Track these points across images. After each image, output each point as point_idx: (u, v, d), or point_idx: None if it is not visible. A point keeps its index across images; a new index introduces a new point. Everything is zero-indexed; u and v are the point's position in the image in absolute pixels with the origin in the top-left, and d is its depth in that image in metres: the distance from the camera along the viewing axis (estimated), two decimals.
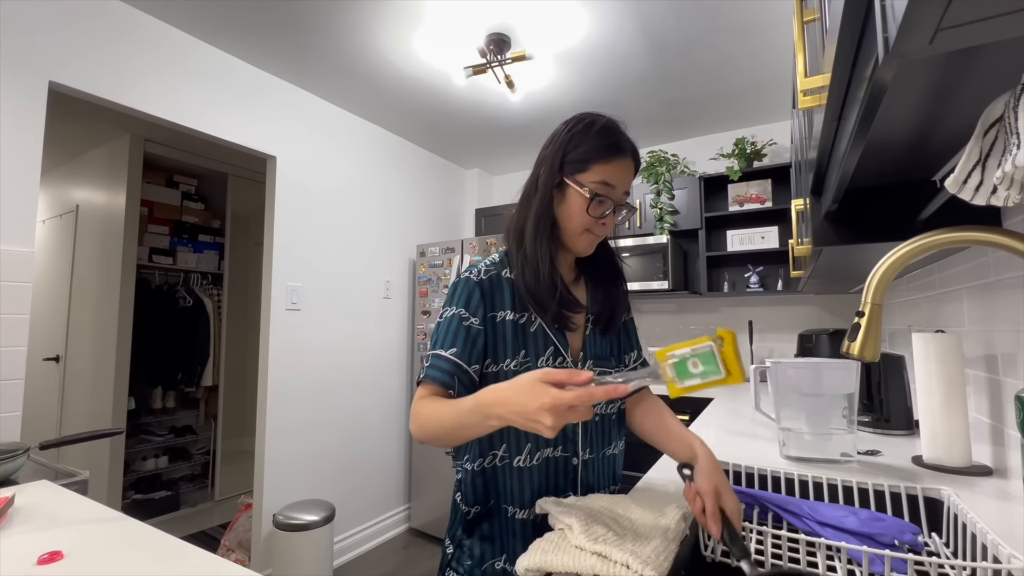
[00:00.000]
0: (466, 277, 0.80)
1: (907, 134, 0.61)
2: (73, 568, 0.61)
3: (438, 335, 0.77)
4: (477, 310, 0.78)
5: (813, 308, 2.77)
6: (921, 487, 0.86)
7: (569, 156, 0.79)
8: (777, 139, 2.87)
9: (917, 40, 0.31)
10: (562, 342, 0.81)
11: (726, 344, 0.54)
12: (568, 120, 0.83)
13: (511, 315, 0.80)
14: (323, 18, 1.93)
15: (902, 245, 0.59)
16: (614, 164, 0.78)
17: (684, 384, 0.56)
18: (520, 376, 0.58)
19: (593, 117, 0.81)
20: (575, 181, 0.78)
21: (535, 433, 0.58)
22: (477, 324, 0.77)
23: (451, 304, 0.79)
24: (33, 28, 1.62)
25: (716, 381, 0.55)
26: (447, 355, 0.74)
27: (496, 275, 0.82)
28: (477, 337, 0.76)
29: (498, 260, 0.84)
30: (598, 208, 0.78)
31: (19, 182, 1.58)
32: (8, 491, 0.82)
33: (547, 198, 0.80)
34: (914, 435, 1.28)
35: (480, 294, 0.79)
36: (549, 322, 0.81)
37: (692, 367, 0.55)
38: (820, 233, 0.95)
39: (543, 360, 0.80)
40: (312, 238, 2.56)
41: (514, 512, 0.78)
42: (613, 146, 0.78)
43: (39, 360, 3.13)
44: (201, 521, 3.14)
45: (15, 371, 1.54)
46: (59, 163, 3.33)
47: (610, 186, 0.78)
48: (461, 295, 0.79)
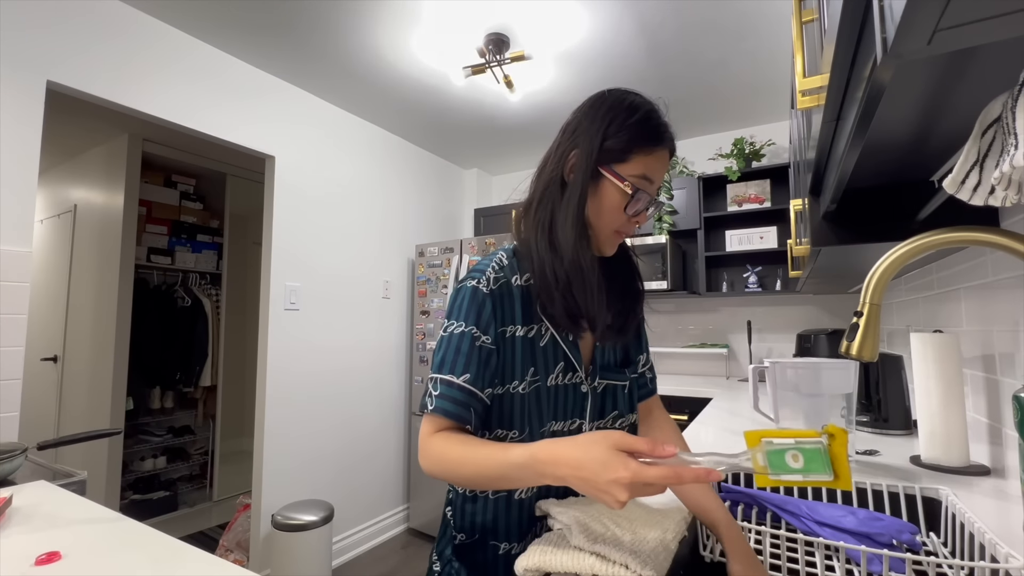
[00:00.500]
0: (474, 287, 0.68)
1: (905, 134, 0.61)
2: (71, 569, 0.61)
3: (446, 355, 0.66)
4: (489, 327, 0.67)
5: (812, 308, 2.77)
6: (919, 487, 0.87)
7: (608, 142, 0.67)
8: (776, 139, 2.88)
9: (915, 41, 0.32)
10: (576, 355, 0.73)
11: (836, 443, 0.47)
12: (601, 98, 0.70)
13: (521, 330, 0.70)
14: (321, 18, 1.93)
15: (900, 245, 0.59)
16: (656, 155, 0.68)
17: (779, 477, 0.48)
18: (587, 435, 0.52)
19: (635, 97, 0.70)
20: (614, 173, 0.67)
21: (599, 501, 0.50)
22: (489, 343, 0.67)
23: (459, 318, 0.67)
24: (31, 27, 1.61)
25: (820, 483, 0.48)
26: (460, 382, 0.64)
27: (506, 283, 0.70)
28: (490, 358, 0.67)
29: (506, 264, 0.72)
30: (636, 205, 0.68)
31: (17, 181, 1.57)
32: (6, 491, 0.81)
33: (583, 193, 0.68)
34: (912, 435, 1.28)
35: (491, 307, 0.67)
36: (565, 335, 0.72)
37: (791, 460, 0.48)
38: (819, 233, 0.95)
39: (553, 378, 0.71)
40: (311, 238, 2.56)
41: (508, 548, 0.71)
42: (656, 133, 0.68)
43: (37, 360, 3.12)
44: (199, 521, 3.13)
45: (13, 371, 1.54)
46: (57, 163, 3.33)
47: (649, 181, 0.68)
48: (470, 309, 0.67)
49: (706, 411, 1.78)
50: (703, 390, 2.39)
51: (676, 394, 2.44)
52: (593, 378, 0.75)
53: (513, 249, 0.75)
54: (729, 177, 2.74)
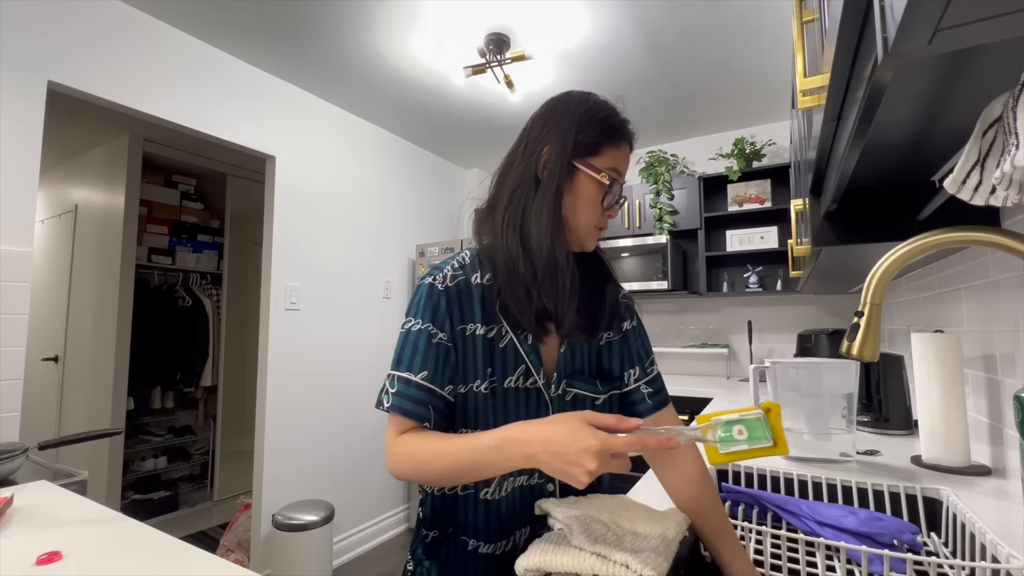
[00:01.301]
0: (430, 283, 0.68)
1: (906, 134, 0.61)
2: (72, 568, 0.61)
3: (403, 353, 0.66)
4: (444, 323, 0.67)
5: (812, 308, 2.77)
6: (920, 487, 0.87)
7: (581, 136, 0.68)
8: (776, 139, 2.87)
9: (916, 40, 0.32)
10: (534, 360, 0.70)
11: (772, 415, 0.54)
12: (567, 97, 0.72)
13: (481, 328, 0.68)
14: (322, 18, 1.93)
15: (901, 245, 0.59)
16: (622, 150, 0.71)
17: (728, 450, 0.54)
18: (558, 415, 0.54)
19: (597, 97, 0.72)
20: (589, 166, 0.68)
21: (567, 480, 0.51)
22: (446, 340, 0.66)
23: (415, 315, 0.67)
24: (32, 27, 1.61)
25: (763, 449, 0.54)
26: (417, 380, 0.64)
27: (464, 281, 0.69)
28: (448, 355, 0.66)
29: (467, 262, 0.71)
30: (610, 198, 0.70)
31: (18, 181, 1.57)
32: (7, 491, 0.82)
33: (559, 188, 0.68)
34: (913, 435, 1.28)
35: (447, 304, 0.67)
36: (524, 337, 0.70)
37: (737, 434, 0.54)
38: (819, 233, 0.95)
39: (512, 380, 0.69)
40: (311, 238, 2.56)
41: (476, 545, 0.70)
42: (621, 128, 0.71)
43: (38, 360, 3.12)
44: (200, 521, 3.13)
45: (14, 371, 1.54)
46: (58, 163, 3.33)
47: (620, 173, 0.70)
48: (426, 306, 0.67)
49: (707, 411, 1.78)
50: (704, 390, 2.39)
51: (677, 394, 2.44)
52: (557, 385, 0.72)
53: (477, 249, 0.74)
54: (730, 177, 2.74)
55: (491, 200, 0.74)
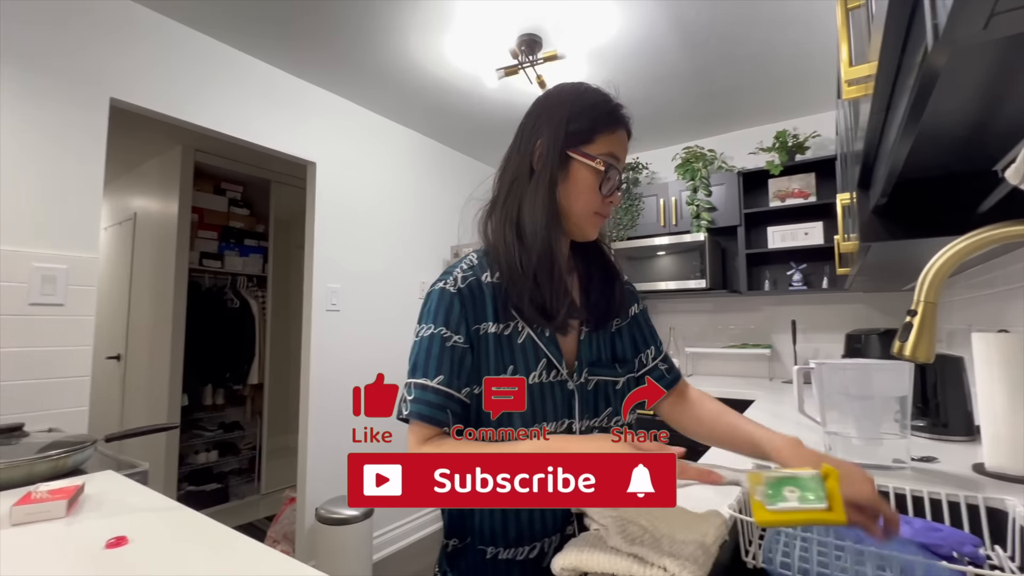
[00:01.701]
0: (440, 288, 0.69)
1: (963, 122, 0.58)
2: (137, 552, 0.65)
3: (417, 359, 0.66)
4: (459, 326, 0.66)
5: (861, 307, 2.64)
6: (983, 496, 0.81)
7: (572, 126, 0.69)
8: (821, 131, 2.75)
9: (970, 26, 0.30)
10: (555, 352, 0.71)
11: (830, 479, 0.49)
12: (558, 89, 0.74)
13: (494, 327, 0.68)
14: (357, 25, 1.99)
15: (958, 240, 0.56)
16: (618, 134, 0.71)
17: (775, 507, 0.48)
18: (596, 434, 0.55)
19: (587, 85, 0.73)
20: (583, 154, 0.68)
21: None
22: (462, 343, 0.66)
23: (427, 321, 0.67)
24: (96, 49, 1.73)
25: (815, 512, 0.48)
26: (434, 384, 0.64)
27: (475, 281, 0.70)
28: (464, 358, 0.66)
29: (476, 263, 0.72)
30: (609, 183, 0.70)
31: (85, 192, 1.69)
32: (79, 480, 0.88)
33: (552, 178, 0.69)
34: (975, 441, 1.20)
35: (460, 306, 0.67)
36: (541, 331, 0.70)
37: (788, 493, 0.49)
38: (868, 228, 0.91)
39: (536, 375, 0.69)
40: (350, 241, 2.64)
41: (495, 552, 0.69)
42: (615, 114, 0.71)
43: (103, 359, 3.35)
44: (248, 513, 3.28)
45: (82, 369, 1.66)
46: (119, 174, 3.56)
47: (617, 159, 0.70)
48: (438, 310, 0.67)
49: (748, 413, 1.73)
50: (745, 391, 2.32)
51: (717, 395, 2.36)
52: (579, 374, 0.73)
53: (484, 250, 0.75)
54: (771, 171, 2.64)
55: (493, 199, 0.77)
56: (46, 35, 1.61)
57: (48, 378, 1.57)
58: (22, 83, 1.55)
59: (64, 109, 1.65)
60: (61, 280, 1.61)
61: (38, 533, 0.70)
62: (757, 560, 0.70)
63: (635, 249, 2.88)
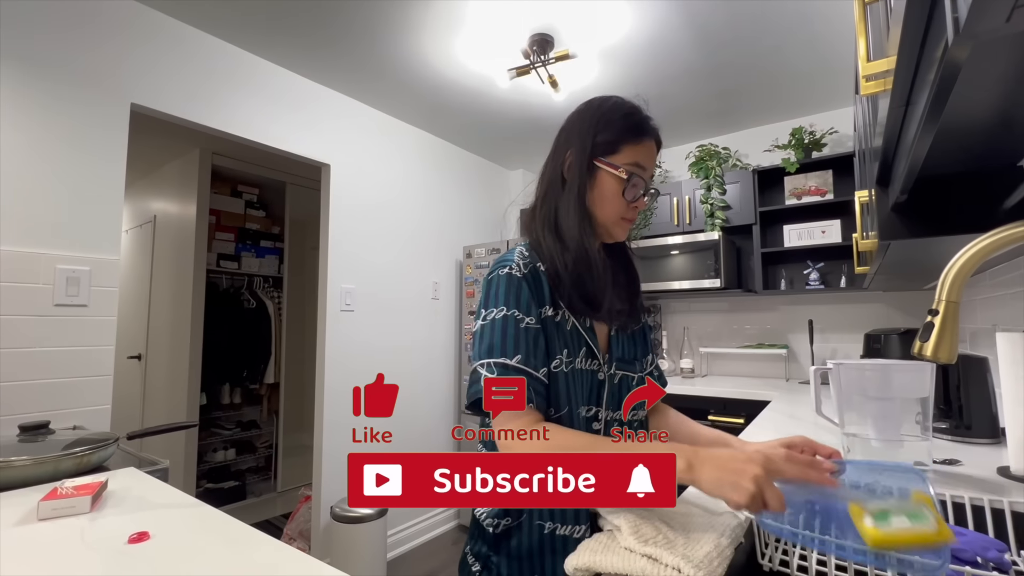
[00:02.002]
0: (508, 273, 0.72)
1: (986, 117, 0.56)
2: (159, 547, 0.67)
3: (493, 340, 0.68)
4: (530, 308, 0.70)
5: (881, 306, 2.59)
6: (1008, 500, 0.79)
7: (599, 138, 0.75)
8: (838, 127, 2.70)
9: (992, 19, 0.29)
10: (594, 341, 0.77)
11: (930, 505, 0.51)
12: (588, 104, 0.80)
13: (550, 311, 0.73)
14: (369, 27, 2.01)
15: (982, 238, 0.55)
16: (643, 145, 0.76)
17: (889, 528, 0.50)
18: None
19: (616, 99, 0.79)
20: (607, 164, 0.75)
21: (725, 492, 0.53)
22: (534, 324, 0.70)
23: (497, 304, 0.70)
24: (116, 55, 1.77)
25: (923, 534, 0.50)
26: (515, 363, 0.66)
27: (534, 268, 0.74)
28: (537, 338, 0.70)
29: (527, 254, 0.76)
30: (633, 191, 0.75)
31: (107, 195, 1.74)
32: (102, 476, 0.90)
33: (581, 186, 0.75)
34: (1000, 444, 1.17)
35: (528, 289, 0.71)
36: (584, 321, 0.76)
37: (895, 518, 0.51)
38: (887, 226, 0.89)
39: (580, 360, 0.75)
40: (364, 241, 2.66)
41: (553, 528, 0.71)
42: (640, 126, 0.76)
43: (124, 358, 3.42)
44: (265, 511, 3.33)
45: (105, 368, 1.70)
46: (139, 177, 3.64)
47: (641, 167, 0.76)
48: (508, 293, 0.70)
49: (764, 414, 1.71)
50: (761, 392, 2.29)
51: (732, 396, 2.35)
52: (610, 366, 0.79)
53: (528, 244, 0.80)
54: (787, 169, 2.60)
55: (533, 203, 0.83)
56: (67, 42, 1.66)
57: (73, 377, 1.61)
58: (44, 90, 1.60)
59: (86, 115, 1.69)
60: (84, 281, 1.65)
61: (64, 528, 0.72)
62: (774, 563, 0.69)
63: (648, 248, 2.85)
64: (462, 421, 3.14)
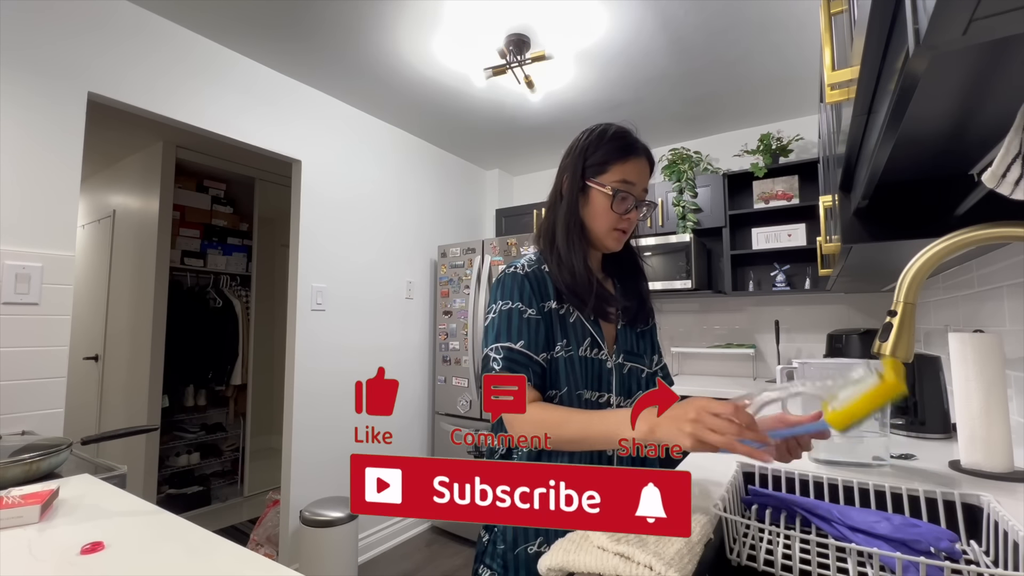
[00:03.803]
0: (512, 272, 0.85)
1: (942, 127, 0.59)
2: (113, 558, 0.63)
3: (500, 328, 0.80)
4: (531, 302, 0.82)
5: (843, 307, 2.69)
6: (959, 493, 0.83)
7: (589, 161, 0.86)
8: (804, 134, 2.80)
9: (950, 31, 0.31)
10: (599, 333, 0.87)
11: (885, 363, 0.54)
12: (583, 132, 0.91)
13: (555, 304, 0.85)
14: (344, 22, 1.97)
15: (937, 242, 0.57)
16: (630, 163, 0.85)
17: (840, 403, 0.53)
18: None
19: (606, 125, 0.89)
20: (596, 183, 0.85)
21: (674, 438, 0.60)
22: (535, 315, 0.82)
23: (504, 299, 0.83)
24: (72, 41, 1.69)
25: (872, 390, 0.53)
26: (518, 348, 0.78)
27: (538, 269, 0.87)
28: (538, 327, 0.81)
29: (535, 258, 0.90)
30: (621, 204, 0.85)
31: (61, 189, 1.65)
32: (53, 484, 0.86)
33: (573, 203, 0.87)
34: (951, 439, 1.23)
35: (530, 286, 0.83)
36: (587, 315, 0.86)
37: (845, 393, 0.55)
38: (849, 230, 0.92)
39: (583, 349, 0.85)
40: (336, 240, 2.61)
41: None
42: (627, 147, 0.86)
43: (80, 359, 3.27)
44: (231, 516, 3.23)
45: (58, 370, 1.61)
46: (97, 170, 3.48)
47: (629, 183, 0.85)
48: (512, 289, 0.83)
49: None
50: (729, 391, 2.34)
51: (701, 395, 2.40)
52: (617, 356, 0.89)
53: (539, 250, 0.93)
54: (755, 174, 2.68)
55: (540, 222, 0.95)
56: (20, 26, 1.57)
57: (22, 379, 1.53)
58: None
59: (39, 103, 1.60)
60: (36, 278, 1.57)
61: (10, 539, 0.68)
62: (742, 558, 0.71)
63: None
64: (435, 422, 3.12)
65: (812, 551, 0.70)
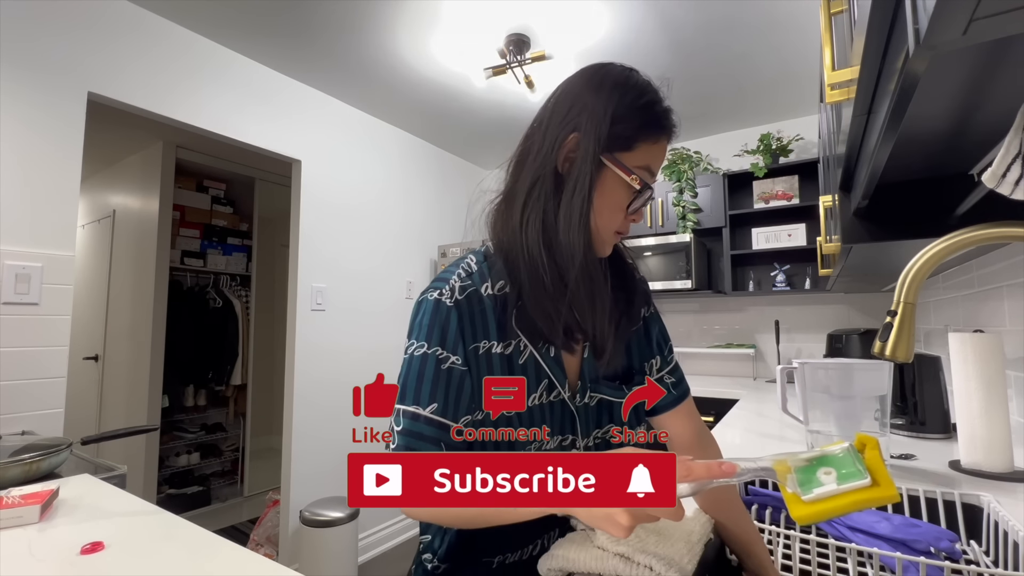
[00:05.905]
0: (436, 299, 0.58)
1: (942, 127, 0.59)
2: (113, 558, 0.63)
3: (407, 382, 0.57)
4: (456, 345, 0.57)
5: (843, 307, 2.69)
6: (959, 492, 0.83)
7: (616, 127, 0.57)
8: (804, 134, 2.80)
9: (950, 31, 0.31)
10: (557, 373, 0.63)
11: (869, 448, 0.43)
12: (603, 73, 0.62)
13: (498, 346, 0.59)
14: (344, 23, 1.97)
15: (937, 242, 0.57)
16: (660, 144, 0.61)
17: (812, 495, 0.42)
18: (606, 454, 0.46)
19: (639, 76, 0.62)
20: (619, 164, 0.57)
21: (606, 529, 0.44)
22: (460, 364, 0.57)
23: (419, 338, 0.57)
24: (73, 41, 1.69)
25: (859, 492, 0.41)
26: (427, 414, 0.55)
27: (474, 292, 0.59)
28: (462, 381, 0.57)
29: (474, 270, 0.62)
30: (637, 202, 0.60)
31: (61, 189, 1.65)
32: (53, 484, 0.86)
33: (590, 186, 0.57)
34: (952, 439, 1.23)
35: (457, 321, 0.57)
36: (546, 350, 0.62)
37: (823, 475, 0.43)
38: (849, 230, 0.92)
39: (535, 398, 0.61)
40: (336, 239, 2.61)
41: (502, 559, 0.64)
42: (664, 121, 0.61)
43: (80, 359, 3.26)
44: (231, 516, 3.22)
45: (58, 370, 1.61)
46: (97, 170, 3.47)
47: (651, 173, 0.60)
48: (433, 325, 0.57)
49: (732, 412, 1.75)
50: (729, 391, 2.34)
51: (702, 395, 2.40)
52: (583, 395, 0.65)
53: (484, 252, 0.65)
54: (755, 174, 2.68)
55: (507, 192, 0.64)
56: (20, 25, 1.57)
57: (22, 379, 1.53)
58: None
59: (40, 102, 1.60)
60: (36, 278, 1.57)
61: (10, 539, 0.68)
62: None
63: None
64: None
65: (812, 551, 0.70)
